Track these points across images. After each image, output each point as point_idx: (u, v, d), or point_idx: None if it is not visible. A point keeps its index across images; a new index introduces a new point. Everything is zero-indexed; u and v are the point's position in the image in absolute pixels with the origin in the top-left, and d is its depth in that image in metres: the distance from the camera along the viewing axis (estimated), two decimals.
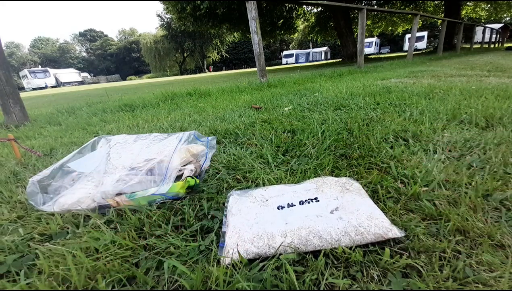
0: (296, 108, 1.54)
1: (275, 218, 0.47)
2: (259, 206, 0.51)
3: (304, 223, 0.44)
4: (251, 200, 0.52)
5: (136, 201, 0.60)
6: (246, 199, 0.53)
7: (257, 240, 0.42)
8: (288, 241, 0.41)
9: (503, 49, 12.20)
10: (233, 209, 0.51)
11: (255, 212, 0.49)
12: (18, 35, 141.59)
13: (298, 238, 0.41)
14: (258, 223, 0.46)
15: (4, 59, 1.95)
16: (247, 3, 2.87)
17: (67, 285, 0.40)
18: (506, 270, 0.37)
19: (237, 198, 0.54)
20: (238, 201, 0.53)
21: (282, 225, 0.45)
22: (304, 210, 0.48)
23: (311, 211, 0.47)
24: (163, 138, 0.79)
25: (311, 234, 0.42)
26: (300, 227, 0.43)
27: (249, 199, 0.53)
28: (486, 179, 0.61)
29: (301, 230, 0.42)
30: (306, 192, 0.54)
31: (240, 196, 0.55)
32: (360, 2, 13.98)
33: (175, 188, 0.62)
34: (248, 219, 0.47)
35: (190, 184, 0.64)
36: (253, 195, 0.54)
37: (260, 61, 3.16)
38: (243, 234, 0.44)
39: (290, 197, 0.53)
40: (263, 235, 0.43)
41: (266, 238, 0.42)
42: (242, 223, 0.46)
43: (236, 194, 0.56)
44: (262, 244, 0.41)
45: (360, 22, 4.55)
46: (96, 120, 1.85)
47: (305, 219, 0.45)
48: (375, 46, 33.61)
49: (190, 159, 0.73)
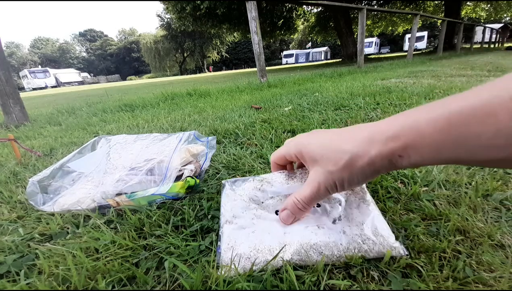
0: (296, 108, 1.54)
1: (273, 226, 0.43)
2: (255, 209, 0.47)
3: (304, 235, 0.41)
4: (245, 199, 0.48)
5: (136, 201, 0.60)
6: (240, 198, 0.48)
7: (255, 254, 0.39)
8: (287, 258, 0.39)
9: (503, 49, 12.21)
10: (227, 212, 0.47)
11: (251, 216, 0.45)
12: (18, 35, 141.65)
13: (297, 254, 0.39)
14: (255, 232, 0.43)
15: (4, 59, 1.95)
16: (247, 3, 2.87)
17: (67, 285, 0.40)
18: (506, 270, 0.37)
19: (230, 194, 0.49)
20: (232, 199, 0.48)
21: (281, 235, 0.41)
22: (304, 217, 0.44)
23: (311, 220, 0.43)
24: (163, 139, 0.79)
25: (312, 249, 0.39)
26: (300, 241, 0.40)
27: (243, 198, 0.48)
28: (486, 179, 0.61)
29: (301, 244, 0.39)
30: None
31: (234, 191, 0.50)
32: (360, 2, 13.99)
33: (175, 188, 0.62)
34: (243, 226, 0.44)
35: (190, 184, 0.64)
36: (248, 192, 0.49)
37: (260, 61, 3.16)
38: (238, 247, 0.41)
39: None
40: (261, 249, 0.40)
41: (264, 253, 0.40)
42: (237, 233, 0.43)
43: (229, 188, 0.51)
44: (259, 261, 0.39)
45: (360, 22, 4.55)
46: (96, 120, 1.85)
47: (305, 231, 0.41)
48: (375, 46, 33.63)
49: (190, 159, 0.73)
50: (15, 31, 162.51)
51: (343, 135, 0.34)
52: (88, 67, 60.02)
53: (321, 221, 0.43)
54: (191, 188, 0.65)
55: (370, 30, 18.27)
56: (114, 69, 61.09)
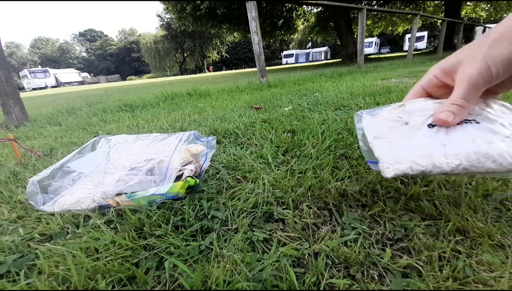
0: (296, 108, 1.54)
1: (429, 140, 0.39)
2: (401, 126, 0.43)
3: (470, 146, 0.37)
4: (389, 120, 0.45)
5: (136, 201, 0.60)
6: (383, 119, 0.46)
7: (419, 159, 0.37)
8: (456, 163, 0.36)
9: None
10: (373, 131, 0.44)
11: (401, 133, 0.42)
12: (18, 35, 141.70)
13: (467, 160, 0.36)
14: (410, 145, 0.40)
15: (4, 59, 1.95)
16: (247, 3, 2.87)
17: (67, 285, 0.40)
18: (506, 270, 0.37)
19: (371, 119, 0.47)
20: (374, 123, 0.46)
21: (441, 147, 0.38)
22: (465, 131, 0.39)
23: (475, 134, 0.38)
24: (163, 138, 0.79)
25: (483, 157, 0.35)
26: (467, 150, 0.36)
27: (387, 119, 0.46)
28: (486, 179, 0.61)
29: (469, 154, 0.36)
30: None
31: (374, 117, 0.48)
32: (360, 2, 13.99)
33: (175, 188, 0.62)
34: (395, 141, 0.41)
35: (190, 184, 0.64)
36: (389, 115, 0.46)
37: (260, 61, 3.16)
38: (396, 154, 0.39)
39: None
40: (423, 155, 0.37)
41: (429, 158, 0.37)
42: (391, 144, 0.41)
43: (368, 116, 0.48)
44: (426, 163, 0.37)
45: (360, 22, 4.55)
46: (96, 120, 1.85)
47: (472, 144, 0.37)
48: (375, 46, 33.64)
49: (190, 159, 0.73)
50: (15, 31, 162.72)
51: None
52: (88, 67, 60.04)
53: (488, 137, 0.38)
54: (191, 188, 0.65)
55: (370, 30, 18.27)
56: (114, 69, 61.10)
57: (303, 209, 0.56)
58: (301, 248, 0.44)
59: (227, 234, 0.50)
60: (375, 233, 0.47)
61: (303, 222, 0.52)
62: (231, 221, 0.54)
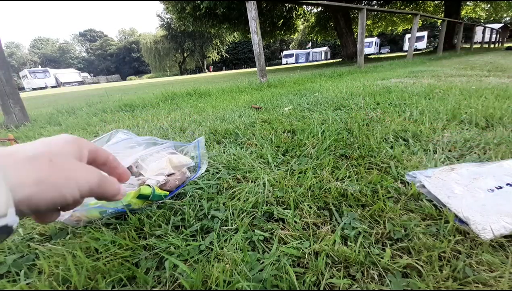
0: (296, 108, 1.54)
1: (497, 200, 0.46)
2: (465, 189, 0.50)
3: None
4: (451, 183, 0.51)
5: (89, 212, 0.56)
6: (443, 182, 0.52)
7: (504, 218, 0.42)
8: None
9: (503, 49, 12.21)
10: (443, 190, 0.50)
11: (470, 195, 0.48)
12: (18, 35, 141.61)
13: None
14: (485, 204, 0.45)
15: (4, 59, 1.95)
16: (247, 3, 2.87)
17: (67, 285, 0.40)
18: (506, 270, 0.37)
19: (431, 181, 0.54)
20: (436, 184, 0.52)
21: (510, 206, 0.44)
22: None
23: None
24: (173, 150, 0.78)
25: None
26: None
27: (447, 182, 0.52)
28: None
29: None
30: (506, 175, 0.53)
31: (432, 177, 0.55)
32: (360, 2, 13.98)
33: (128, 197, 0.57)
34: (470, 201, 0.47)
35: (143, 193, 0.58)
36: (446, 177, 0.53)
37: (260, 61, 3.16)
38: (480, 212, 0.43)
39: (492, 180, 0.52)
40: (502, 214, 0.43)
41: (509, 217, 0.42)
42: (468, 204, 0.46)
43: (424, 178, 0.55)
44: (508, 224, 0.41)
45: (360, 22, 4.55)
46: (96, 120, 1.85)
47: None
48: (375, 46, 33.60)
49: (171, 170, 0.70)
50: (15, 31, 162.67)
51: None
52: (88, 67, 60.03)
53: None
54: (146, 198, 0.59)
55: (370, 30, 18.26)
56: (114, 69, 61.10)
57: (303, 208, 0.56)
58: (301, 247, 0.44)
59: (227, 234, 0.50)
60: (375, 233, 0.47)
61: (303, 222, 0.52)
62: (231, 220, 0.54)
